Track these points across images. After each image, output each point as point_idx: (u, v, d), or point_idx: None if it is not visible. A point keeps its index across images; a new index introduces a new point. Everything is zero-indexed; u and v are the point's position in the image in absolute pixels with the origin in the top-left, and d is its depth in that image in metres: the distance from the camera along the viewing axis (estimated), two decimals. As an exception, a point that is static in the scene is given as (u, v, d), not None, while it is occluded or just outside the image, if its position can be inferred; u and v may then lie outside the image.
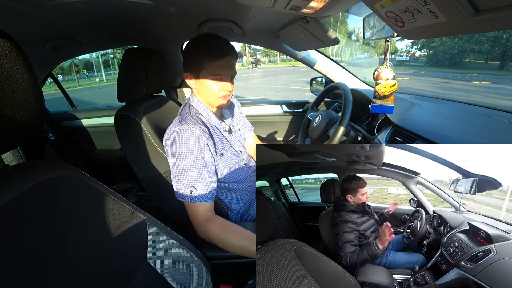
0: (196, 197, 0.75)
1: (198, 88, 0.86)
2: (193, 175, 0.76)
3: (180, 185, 0.76)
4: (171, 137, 0.80)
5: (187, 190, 0.75)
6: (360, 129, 1.14)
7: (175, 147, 0.78)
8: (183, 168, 0.76)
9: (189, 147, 0.77)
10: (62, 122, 1.79)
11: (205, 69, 0.81)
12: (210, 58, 0.79)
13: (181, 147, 0.77)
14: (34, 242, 0.36)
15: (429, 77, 15.69)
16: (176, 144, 0.78)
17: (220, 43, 0.82)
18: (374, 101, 0.95)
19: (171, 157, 0.80)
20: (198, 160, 0.77)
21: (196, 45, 0.82)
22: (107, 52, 26.62)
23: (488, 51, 20.97)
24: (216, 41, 0.82)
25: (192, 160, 0.76)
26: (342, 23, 29.50)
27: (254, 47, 33.55)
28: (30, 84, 0.36)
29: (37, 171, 0.40)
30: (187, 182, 0.76)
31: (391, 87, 0.92)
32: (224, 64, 0.81)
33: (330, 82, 1.41)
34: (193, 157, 0.77)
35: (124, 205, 0.51)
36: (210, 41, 0.82)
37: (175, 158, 0.78)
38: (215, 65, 0.80)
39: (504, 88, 11.47)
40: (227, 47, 0.82)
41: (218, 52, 0.80)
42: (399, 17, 0.48)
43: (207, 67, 0.80)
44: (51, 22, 0.94)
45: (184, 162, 0.76)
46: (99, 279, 0.42)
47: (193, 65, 0.82)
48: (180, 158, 0.77)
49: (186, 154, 0.76)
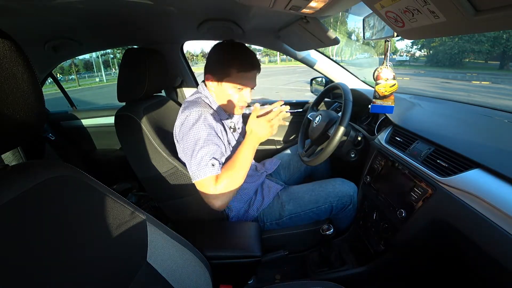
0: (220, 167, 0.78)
1: (217, 92, 0.88)
2: (213, 149, 0.78)
3: (202, 163, 0.77)
4: (186, 120, 0.81)
5: (210, 163, 0.76)
6: (360, 129, 1.14)
7: (196, 128, 0.80)
8: (202, 144, 0.78)
9: (205, 126, 0.79)
10: (62, 122, 1.78)
11: (231, 78, 0.83)
12: (239, 69, 0.82)
13: (198, 127, 0.79)
14: (34, 242, 0.36)
15: (429, 77, 15.68)
16: (193, 124, 0.80)
17: (251, 56, 0.84)
18: (374, 101, 0.95)
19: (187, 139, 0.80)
20: (215, 138, 0.81)
21: (227, 52, 0.84)
22: (107, 52, 26.67)
23: (488, 51, 20.97)
24: (248, 53, 0.84)
25: (210, 137, 0.79)
26: (342, 23, 29.52)
27: (254, 47, 33.58)
28: (30, 84, 0.36)
29: (37, 171, 0.40)
30: (208, 156, 0.77)
31: (391, 87, 0.92)
32: (250, 77, 0.84)
33: (330, 82, 1.41)
34: (211, 135, 0.80)
35: (124, 205, 0.51)
36: (242, 52, 0.84)
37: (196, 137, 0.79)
38: (242, 77, 0.83)
39: (504, 88, 11.46)
40: (256, 60, 0.85)
41: (249, 64, 0.82)
42: (399, 17, 0.48)
43: (234, 76, 0.83)
44: (51, 22, 0.94)
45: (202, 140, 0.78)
46: (99, 279, 0.42)
47: (219, 70, 0.84)
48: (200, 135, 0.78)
49: (204, 132, 0.79)
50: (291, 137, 1.63)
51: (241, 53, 0.84)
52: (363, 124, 1.23)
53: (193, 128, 0.79)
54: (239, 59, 0.82)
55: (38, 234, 0.36)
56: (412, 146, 0.83)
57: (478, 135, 0.79)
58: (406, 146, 0.85)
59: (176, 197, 0.91)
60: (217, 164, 0.77)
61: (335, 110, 1.39)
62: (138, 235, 0.51)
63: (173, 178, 0.88)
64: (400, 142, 0.89)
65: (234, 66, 0.82)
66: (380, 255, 0.88)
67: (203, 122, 0.79)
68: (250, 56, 0.84)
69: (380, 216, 0.91)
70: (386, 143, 0.94)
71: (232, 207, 0.94)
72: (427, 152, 0.76)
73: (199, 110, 0.81)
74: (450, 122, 0.94)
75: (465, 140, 0.74)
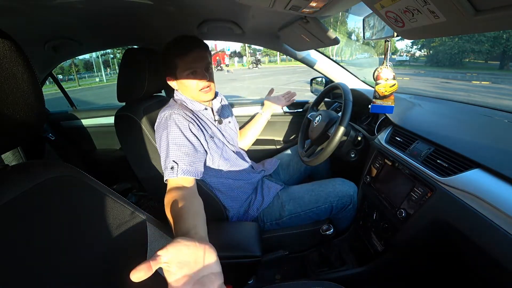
0: (177, 171, 0.74)
1: (181, 88, 0.90)
2: (174, 152, 0.77)
3: (164, 164, 0.77)
4: (158, 124, 0.84)
5: (169, 165, 0.75)
6: (360, 129, 1.14)
7: (161, 131, 0.81)
8: (166, 147, 0.78)
9: (172, 129, 0.79)
10: (62, 122, 1.78)
11: (180, 67, 0.85)
12: (180, 55, 0.83)
13: (164, 129, 0.80)
14: (34, 242, 0.36)
15: (429, 77, 15.68)
16: (161, 127, 0.82)
17: (187, 39, 0.86)
18: (374, 101, 0.95)
19: (159, 142, 0.82)
20: (180, 138, 0.79)
21: (168, 47, 0.86)
22: (107, 52, 26.66)
23: (488, 51, 20.98)
24: (183, 38, 0.86)
25: (173, 138, 0.79)
26: (342, 23, 29.53)
27: (254, 47, 33.58)
28: (30, 84, 0.36)
29: (37, 171, 0.40)
30: (169, 159, 0.76)
31: (391, 87, 0.92)
32: (195, 58, 0.84)
33: (330, 82, 1.41)
34: (174, 136, 0.79)
35: (124, 205, 0.51)
36: (178, 41, 0.86)
37: (161, 141, 0.80)
38: (186, 60, 0.84)
39: (504, 88, 11.46)
40: (194, 40, 0.86)
41: (186, 47, 0.84)
42: (399, 17, 0.48)
43: (180, 64, 0.84)
44: (51, 22, 0.94)
45: (165, 143, 0.79)
46: (99, 278, 0.42)
47: (169, 67, 0.87)
48: (164, 139, 0.79)
49: (168, 135, 0.79)
50: (291, 137, 1.63)
51: (178, 41, 0.85)
52: (363, 124, 1.23)
53: (160, 130, 0.81)
54: (177, 47, 0.84)
55: (38, 234, 0.36)
56: (412, 146, 0.83)
57: (478, 135, 0.79)
58: (406, 146, 0.85)
59: (176, 197, 0.91)
60: (176, 167, 0.75)
61: (335, 110, 1.39)
62: (138, 235, 0.51)
63: None
64: (400, 142, 0.89)
65: (175, 55, 0.84)
66: (380, 255, 0.88)
67: (171, 123, 0.80)
68: (187, 39, 0.85)
69: (380, 216, 0.91)
70: (386, 143, 0.94)
71: (228, 206, 0.94)
72: (427, 152, 0.76)
73: (168, 112, 0.83)
74: (450, 122, 0.94)
75: (465, 140, 0.74)
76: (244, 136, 1.22)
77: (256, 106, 1.58)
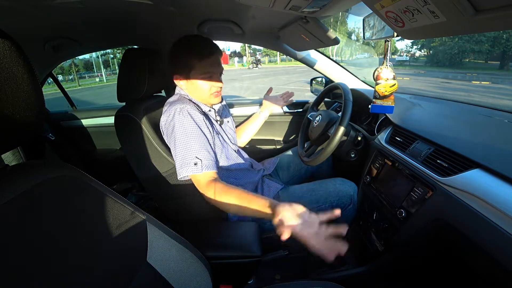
0: (202, 167, 0.76)
1: (189, 88, 0.89)
2: (196, 147, 0.77)
3: (184, 161, 0.77)
4: (168, 118, 0.82)
5: (192, 162, 0.76)
6: (360, 129, 1.14)
7: (175, 127, 0.80)
8: (185, 142, 0.78)
9: (188, 122, 0.79)
10: (62, 122, 1.78)
11: (196, 69, 0.84)
12: (200, 58, 0.83)
13: (180, 124, 0.79)
14: (34, 243, 0.36)
15: (429, 77, 15.67)
16: (175, 123, 0.80)
17: (207, 42, 0.86)
18: (374, 101, 0.95)
19: (172, 137, 0.81)
20: (198, 133, 0.79)
21: (184, 47, 0.85)
22: (107, 52, 26.67)
23: (488, 51, 20.99)
24: (203, 40, 0.86)
25: (191, 132, 0.78)
26: (342, 23, 29.53)
27: (254, 47, 33.58)
28: (30, 84, 0.36)
29: (37, 171, 0.40)
30: (190, 154, 0.77)
31: (391, 87, 0.92)
32: (213, 62, 0.84)
33: (330, 82, 1.41)
34: (192, 130, 0.79)
35: (124, 205, 0.51)
36: (196, 42, 0.85)
37: (176, 136, 0.79)
38: (205, 64, 0.83)
39: (504, 88, 11.46)
40: (214, 45, 0.86)
41: (207, 51, 0.83)
42: (399, 17, 0.48)
43: (198, 66, 0.83)
44: (51, 22, 0.94)
45: (185, 137, 0.78)
46: (99, 279, 0.42)
47: (183, 67, 0.85)
48: (180, 134, 0.78)
49: (185, 129, 0.78)
50: (291, 137, 1.63)
51: (196, 42, 0.85)
52: (363, 124, 1.23)
53: (176, 124, 0.80)
54: (196, 49, 0.84)
55: (38, 234, 0.36)
56: (412, 146, 0.83)
57: (478, 135, 0.79)
58: (406, 146, 0.85)
59: (176, 197, 0.91)
60: (200, 163, 0.76)
61: (335, 110, 1.39)
62: (138, 235, 0.51)
63: (173, 178, 0.88)
64: (400, 142, 0.89)
65: (195, 56, 0.83)
66: (380, 255, 0.88)
67: (186, 116, 0.80)
68: (206, 42, 0.85)
69: (380, 216, 0.91)
70: (386, 143, 0.94)
71: None
72: (427, 152, 0.76)
73: (179, 106, 0.82)
74: (450, 122, 0.94)
75: (465, 140, 0.74)
76: (239, 134, 1.23)
77: (255, 106, 1.58)
